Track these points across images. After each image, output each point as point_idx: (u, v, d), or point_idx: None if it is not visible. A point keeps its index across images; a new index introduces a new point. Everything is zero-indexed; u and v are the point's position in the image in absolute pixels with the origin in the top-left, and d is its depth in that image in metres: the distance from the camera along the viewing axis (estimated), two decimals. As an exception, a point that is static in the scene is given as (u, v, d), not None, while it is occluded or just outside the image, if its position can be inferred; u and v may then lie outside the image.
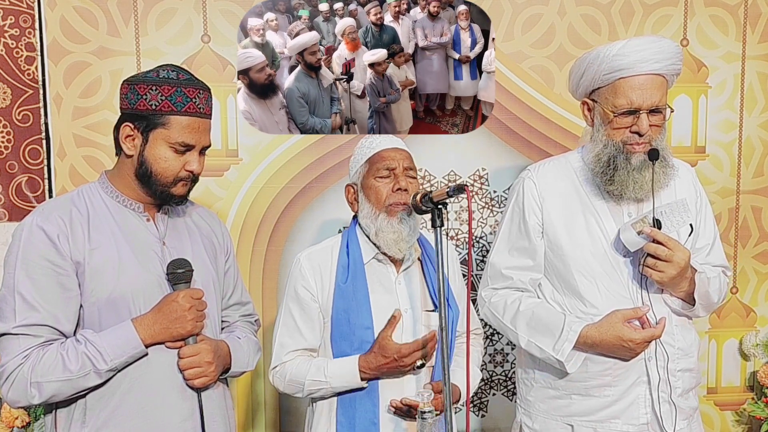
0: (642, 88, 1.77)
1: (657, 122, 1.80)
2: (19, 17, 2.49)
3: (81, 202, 1.60)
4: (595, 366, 1.85)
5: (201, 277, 1.68)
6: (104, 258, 1.55)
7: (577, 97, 1.97)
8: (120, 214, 1.62)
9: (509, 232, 1.98)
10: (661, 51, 1.79)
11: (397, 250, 1.78)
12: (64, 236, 1.52)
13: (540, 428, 1.95)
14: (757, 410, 2.79)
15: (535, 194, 1.93)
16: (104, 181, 1.65)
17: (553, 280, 1.93)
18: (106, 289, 1.54)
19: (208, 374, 1.60)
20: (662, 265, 1.75)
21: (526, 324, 1.89)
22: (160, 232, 1.66)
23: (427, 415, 1.57)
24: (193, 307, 1.58)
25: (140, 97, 1.57)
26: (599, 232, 1.87)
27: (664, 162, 1.82)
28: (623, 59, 1.77)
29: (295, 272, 1.85)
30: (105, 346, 1.49)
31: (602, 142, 1.83)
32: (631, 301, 1.83)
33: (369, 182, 1.81)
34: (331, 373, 1.76)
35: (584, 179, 1.92)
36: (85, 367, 1.48)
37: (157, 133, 1.57)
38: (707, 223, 1.97)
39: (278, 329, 1.87)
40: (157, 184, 1.59)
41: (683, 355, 1.87)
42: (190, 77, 1.61)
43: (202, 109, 1.60)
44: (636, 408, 1.84)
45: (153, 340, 1.54)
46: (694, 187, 1.96)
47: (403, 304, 1.81)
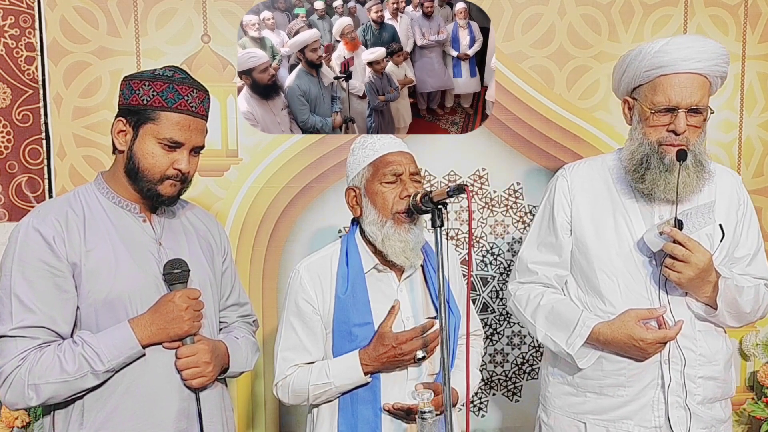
0: (682, 86, 1.75)
1: (695, 123, 1.78)
2: (19, 17, 2.49)
3: (77, 204, 1.60)
4: (610, 365, 1.85)
5: (198, 277, 1.68)
6: (100, 259, 1.55)
7: (619, 95, 1.95)
8: (116, 215, 1.62)
9: (539, 227, 2.00)
10: (705, 50, 1.76)
11: (404, 258, 1.74)
12: (60, 238, 1.52)
13: (554, 424, 1.96)
14: (757, 410, 2.79)
15: (567, 192, 1.94)
16: (100, 182, 1.65)
17: (577, 277, 1.94)
18: (102, 290, 1.53)
19: (206, 374, 1.60)
20: (680, 266, 1.73)
21: (545, 318, 1.90)
22: (157, 233, 1.66)
23: (427, 415, 1.57)
24: (190, 307, 1.58)
25: (134, 92, 1.58)
26: (627, 232, 1.86)
27: (699, 167, 1.79)
28: (665, 56, 1.75)
29: (294, 285, 1.81)
30: (102, 347, 1.49)
31: (638, 140, 1.82)
32: (650, 302, 1.82)
33: (374, 187, 1.76)
34: (334, 372, 1.73)
35: (617, 178, 1.91)
36: (82, 368, 1.48)
37: (147, 128, 1.57)
38: (750, 233, 1.92)
39: (280, 343, 1.82)
40: (143, 181, 1.58)
41: (706, 362, 1.83)
42: (186, 76, 1.62)
43: (194, 108, 1.60)
44: (649, 410, 1.83)
45: (150, 340, 1.54)
46: (737, 195, 1.92)
47: (405, 313, 1.79)
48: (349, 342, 1.75)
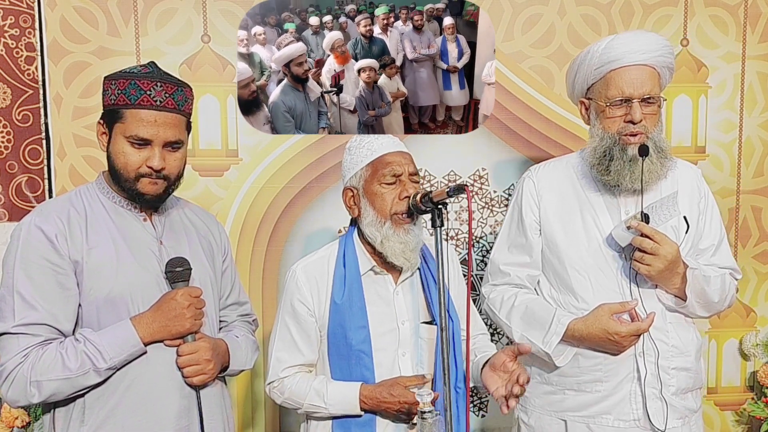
0: (632, 78, 1.81)
1: (651, 112, 1.83)
2: (19, 17, 2.49)
3: (79, 203, 1.61)
4: (586, 361, 1.88)
5: (199, 276, 1.68)
6: (102, 257, 1.55)
7: (575, 98, 2.00)
8: (117, 214, 1.62)
9: (509, 229, 2.04)
10: (649, 42, 1.83)
11: (404, 259, 1.73)
12: (62, 236, 1.53)
13: (535, 424, 1.98)
14: (757, 410, 2.79)
15: (534, 193, 1.98)
16: (101, 182, 1.65)
17: (549, 276, 1.97)
18: (104, 288, 1.54)
19: (206, 372, 1.60)
20: (649, 259, 1.77)
21: (520, 318, 1.93)
22: (157, 232, 1.66)
23: (427, 415, 1.56)
24: (192, 305, 1.58)
25: (105, 93, 1.60)
26: (595, 228, 1.90)
27: (661, 153, 1.84)
28: (612, 51, 1.82)
29: (291, 285, 1.80)
30: (104, 344, 1.50)
31: (599, 135, 1.87)
32: (621, 296, 1.86)
33: (373, 188, 1.75)
34: (331, 399, 1.73)
35: (582, 176, 1.96)
36: (84, 365, 1.48)
37: (117, 128, 1.56)
38: (712, 224, 1.97)
39: (274, 343, 1.83)
40: (121, 180, 1.58)
41: (678, 353, 1.88)
42: (151, 71, 1.59)
43: (159, 102, 1.56)
44: (627, 404, 1.86)
45: (152, 338, 1.54)
46: (698, 187, 1.98)
47: (401, 316, 1.78)
48: (344, 345, 1.74)
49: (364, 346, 1.72)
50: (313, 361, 1.82)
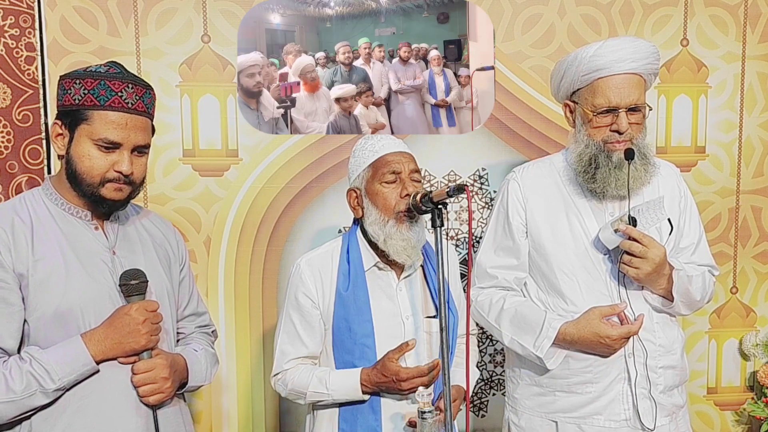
0: (620, 87, 1.81)
1: (636, 120, 1.84)
2: (19, 17, 2.49)
3: (23, 210, 1.51)
4: (576, 363, 1.89)
5: (155, 287, 1.60)
6: (50, 269, 1.46)
7: (559, 99, 2.01)
8: (65, 222, 1.53)
9: (495, 232, 2.03)
10: (637, 51, 1.83)
11: (406, 257, 1.75)
12: (6, 247, 1.44)
13: (526, 425, 1.98)
14: (757, 410, 2.79)
15: (519, 195, 1.98)
16: (48, 188, 1.56)
17: (537, 279, 1.98)
18: (52, 303, 1.45)
19: (163, 390, 1.52)
20: (637, 262, 1.78)
21: (510, 322, 1.93)
22: (110, 241, 1.57)
23: (427, 415, 1.57)
24: (148, 320, 1.49)
25: (66, 92, 1.50)
26: (581, 230, 1.91)
27: (644, 160, 1.86)
28: (600, 59, 1.82)
29: (295, 278, 1.82)
30: (52, 363, 1.41)
31: (584, 142, 1.87)
32: (610, 299, 1.87)
33: (374, 188, 1.77)
34: (333, 385, 1.75)
35: (567, 179, 1.96)
36: (30, 386, 1.40)
37: (81, 129, 1.48)
38: (692, 223, 2.00)
39: (279, 336, 1.84)
40: (83, 185, 1.49)
41: (665, 353, 1.90)
42: (120, 71, 1.52)
43: (130, 105, 1.49)
44: (617, 404, 1.88)
45: (104, 356, 1.46)
46: (678, 187, 2.00)
47: (404, 311, 1.80)
48: (349, 338, 1.76)
49: (368, 339, 1.75)
50: (317, 354, 1.83)
